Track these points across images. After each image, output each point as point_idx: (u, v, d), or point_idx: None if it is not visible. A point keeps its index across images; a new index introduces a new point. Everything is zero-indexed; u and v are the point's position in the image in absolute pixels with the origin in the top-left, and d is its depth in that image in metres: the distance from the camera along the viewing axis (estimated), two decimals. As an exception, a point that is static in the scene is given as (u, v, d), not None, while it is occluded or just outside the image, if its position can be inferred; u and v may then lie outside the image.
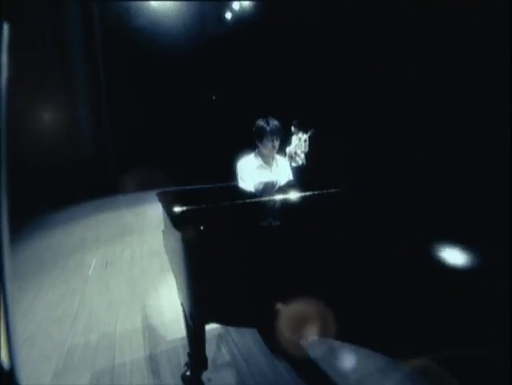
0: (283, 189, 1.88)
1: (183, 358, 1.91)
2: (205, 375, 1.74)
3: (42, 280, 3.07)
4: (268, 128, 1.93)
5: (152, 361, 1.92)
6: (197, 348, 1.45)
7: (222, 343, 2.07)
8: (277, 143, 1.98)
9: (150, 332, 2.22)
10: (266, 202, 1.48)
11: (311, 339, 2.01)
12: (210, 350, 1.99)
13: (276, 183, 2.01)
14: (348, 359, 1.86)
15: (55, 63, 6.93)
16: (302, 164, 5.40)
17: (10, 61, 0.71)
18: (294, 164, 5.46)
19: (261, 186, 1.93)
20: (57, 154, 6.54)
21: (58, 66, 6.97)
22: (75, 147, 7.10)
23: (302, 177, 2.13)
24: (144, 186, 6.30)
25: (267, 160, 2.05)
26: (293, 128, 5.49)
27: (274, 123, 1.95)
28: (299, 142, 5.41)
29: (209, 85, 7.88)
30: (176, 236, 1.18)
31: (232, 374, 1.79)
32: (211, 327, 2.23)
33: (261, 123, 1.97)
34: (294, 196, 1.67)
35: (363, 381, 1.70)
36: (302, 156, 5.49)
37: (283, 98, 6.88)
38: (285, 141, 5.50)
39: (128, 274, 3.19)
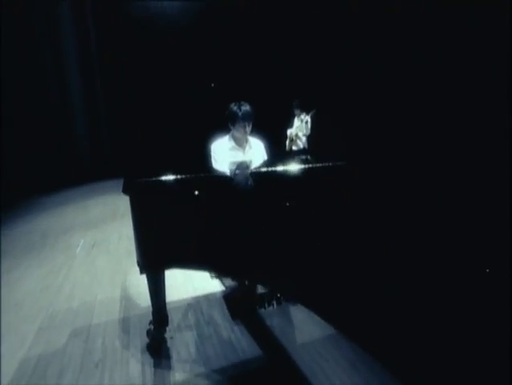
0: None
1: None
2: (168, 334, 2.09)
3: (30, 259, 3.42)
4: (240, 113, 2.07)
5: (125, 322, 2.26)
6: (156, 303, 1.78)
7: (190, 310, 2.39)
8: (248, 128, 2.14)
9: (127, 300, 2.55)
10: (210, 177, 1.75)
11: (270, 309, 2.33)
12: (178, 315, 2.32)
13: (250, 163, 2.10)
14: (300, 327, 2.16)
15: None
16: (304, 147, 5.27)
17: None
18: (294, 148, 5.34)
19: (233, 166, 2.04)
20: (48, 137, 6.87)
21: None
22: (67, 130, 7.43)
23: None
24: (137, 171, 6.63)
25: (240, 142, 2.22)
26: (294, 110, 5.32)
27: (246, 108, 2.09)
28: (301, 124, 5.21)
29: (206, 70, 8.05)
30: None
31: (193, 334, 2.11)
32: (182, 297, 2.57)
33: (233, 108, 2.11)
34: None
35: (306, 345, 1.99)
36: (304, 139, 5.33)
37: (284, 78, 6.89)
38: (287, 123, 5.44)
39: (114, 254, 3.53)
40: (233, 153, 2.21)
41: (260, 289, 2.43)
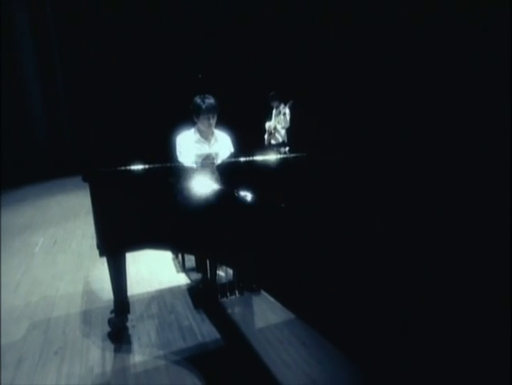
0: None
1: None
2: (130, 323, 2.22)
3: (-13, 256, 3.42)
4: (203, 106, 2.13)
5: (87, 314, 2.35)
6: (117, 289, 1.91)
7: (153, 302, 2.52)
8: (213, 120, 2.21)
9: (89, 295, 2.64)
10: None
11: (232, 298, 2.52)
12: (141, 306, 2.43)
13: (216, 156, 2.24)
14: (259, 314, 2.36)
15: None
16: (283, 141, 5.20)
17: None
18: (273, 142, 5.25)
19: (199, 159, 2.18)
20: (6, 132, 6.60)
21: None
22: (28, 125, 7.21)
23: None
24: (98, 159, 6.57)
25: (205, 135, 2.30)
26: (271, 102, 5.22)
27: (210, 101, 2.14)
28: (279, 116, 5.12)
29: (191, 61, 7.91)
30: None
31: (154, 322, 2.25)
32: (146, 290, 2.70)
33: (197, 100, 2.16)
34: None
35: (263, 329, 2.19)
36: (283, 132, 5.22)
37: (262, 69, 6.76)
38: (265, 116, 5.35)
39: (76, 251, 3.57)
40: (198, 146, 2.30)
41: (223, 280, 2.62)
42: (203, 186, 1.55)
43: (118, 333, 2.09)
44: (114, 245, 1.70)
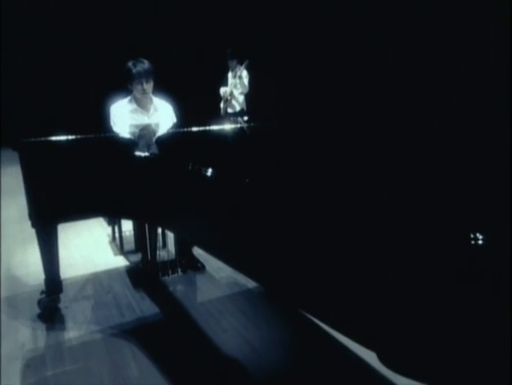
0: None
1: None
2: (63, 304, 2.26)
3: None
4: (134, 70, 2.08)
5: (11, 299, 2.30)
6: (48, 265, 1.95)
7: (88, 284, 2.56)
8: (148, 86, 2.15)
9: (12, 281, 2.57)
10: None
11: (174, 276, 2.66)
12: (74, 288, 2.45)
13: (156, 126, 2.19)
14: (202, 290, 2.54)
15: None
16: (242, 109, 4.75)
17: None
18: (230, 110, 4.78)
19: (136, 129, 2.13)
20: None
21: None
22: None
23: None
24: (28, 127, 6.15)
25: (143, 104, 2.24)
26: (229, 61, 4.66)
27: (142, 64, 2.10)
28: (235, 79, 4.60)
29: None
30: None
31: (90, 302, 2.30)
32: (80, 274, 2.73)
33: (128, 65, 2.12)
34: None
35: (205, 303, 2.37)
36: (241, 98, 4.75)
37: (210, 21, 6.10)
38: (220, 80, 4.86)
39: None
40: (135, 116, 2.26)
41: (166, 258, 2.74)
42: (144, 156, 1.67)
43: (50, 314, 2.12)
44: (47, 214, 1.75)
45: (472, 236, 0.76)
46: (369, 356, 1.60)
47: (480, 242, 0.76)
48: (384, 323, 0.91)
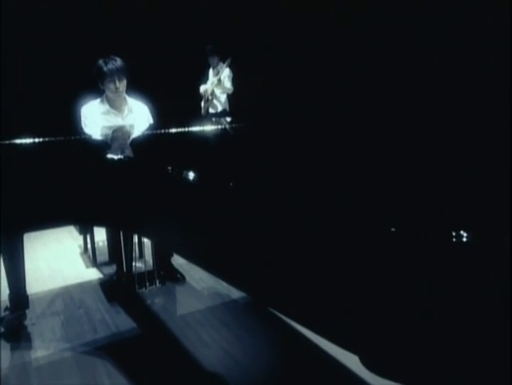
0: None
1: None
2: (29, 321, 2.14)
3: None
4: (105, 68, 2.01)
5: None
6: (13, 278, 1.84)
7: (57, 298, 2.43)
8: (121, 84, 2.07)
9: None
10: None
11: (152, 288, 2.58)
12: (42, 304, 2.32)
13: (131, 128, 2.11)
14: (182, 302, 2.47)
15: None
16: (224, 109, 4.57)
17: None
18: (212, 110, 4.59)
19: (109, 131, 2.04)
20: None
21: None
22: None
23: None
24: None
25: (116, 105, 2.18)
26: (209, 58, 4.44)
27: (114, 61, 2.03)
28: (217, 78, 4.40)
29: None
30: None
31: (60, 318, 2.18)
32: (48, 288, 2.58)
33: (99, 62, 2.05)
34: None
35: (184, 315, 2.30)
36: (223, 98, 4.56)
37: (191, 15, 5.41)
38: (200, 78, 4.65)
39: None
40: (107, 118, 2.19)
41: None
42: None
43: (15, 332, 1.99)
44: (10, 222, 1.66)
45: (454, 234, 0.77)
46: (352, 361, 1.59)
47: (464, 240, 0.76)
48: (366, 326, 0.91)
